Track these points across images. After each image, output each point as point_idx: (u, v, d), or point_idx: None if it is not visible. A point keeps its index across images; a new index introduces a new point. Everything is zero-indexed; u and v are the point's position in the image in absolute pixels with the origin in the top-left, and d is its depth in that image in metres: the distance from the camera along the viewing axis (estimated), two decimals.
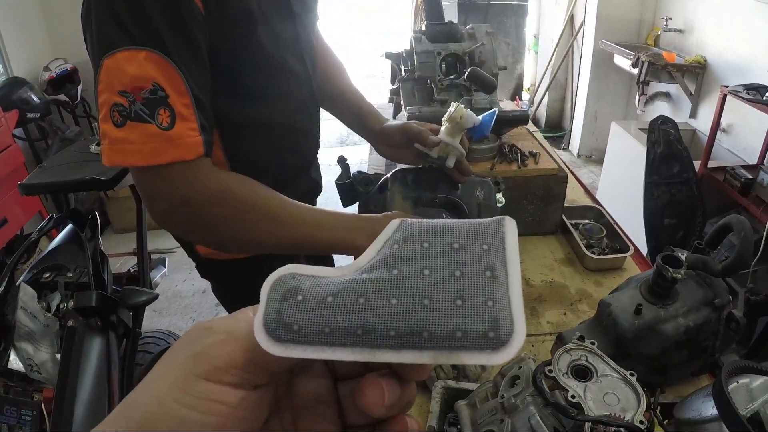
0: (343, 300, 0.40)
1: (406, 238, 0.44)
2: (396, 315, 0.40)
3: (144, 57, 0.99)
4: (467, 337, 0.39)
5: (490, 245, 0.43)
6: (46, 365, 1.31)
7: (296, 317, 0.40)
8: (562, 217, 1.90)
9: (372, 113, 1.62)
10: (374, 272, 0.42)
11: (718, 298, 1.22)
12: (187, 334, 0.43)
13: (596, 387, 0.95)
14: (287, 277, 0.43)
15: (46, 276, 1.46)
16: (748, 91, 3.22)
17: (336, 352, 0.40)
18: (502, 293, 0.41)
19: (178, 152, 1.04)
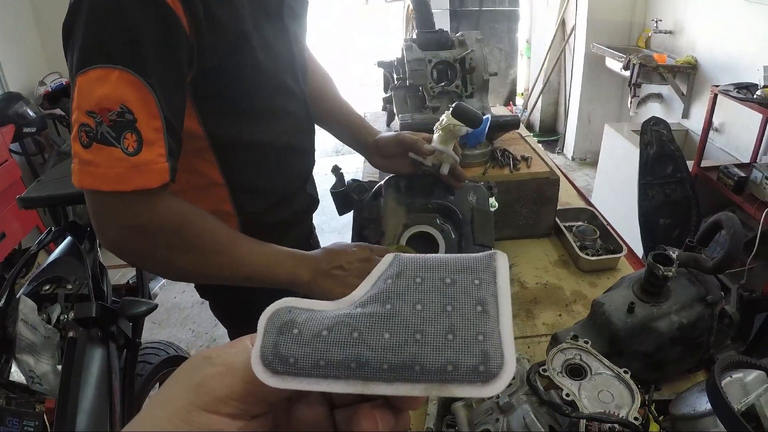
0: (337, 334, 0.42)
1: (399, 273, 0.45)
2: (389, 349, 0.41)
3: (117, 76, 0.96)
4: (458, 371, 0.40)
5: (482, 280, 0.44)
6: (48, 376, 1.32)
7: (292, 350, 0.41)
8: (555, 220, 1.92)
9: (364, 127, 1.63)
10: (368, 307, 0.44)
11: (710, 294, 1.24)
12: (187, 363, 0.45)
13: (591, 385, 0.97)
14: (284, 310, 0.44)
15: (46, 288, 1.47)
16: (739, 90, 3.25)
17: (331, 384, 0.41)
18: (492, 328, 0.42)
19: (143, 180, 1.00)
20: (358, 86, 9.24)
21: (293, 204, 1.65)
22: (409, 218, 1.54)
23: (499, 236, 1.62)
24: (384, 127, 2.56)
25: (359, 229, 1.59)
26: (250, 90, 1.27)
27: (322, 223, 4.79)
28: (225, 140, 1.29)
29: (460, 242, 1.53)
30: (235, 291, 1.36)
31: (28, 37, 4.58)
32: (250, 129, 1.33)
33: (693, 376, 1.35)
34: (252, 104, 1.30)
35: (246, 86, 1.26)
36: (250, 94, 1.28)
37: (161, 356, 1.89)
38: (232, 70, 1.20)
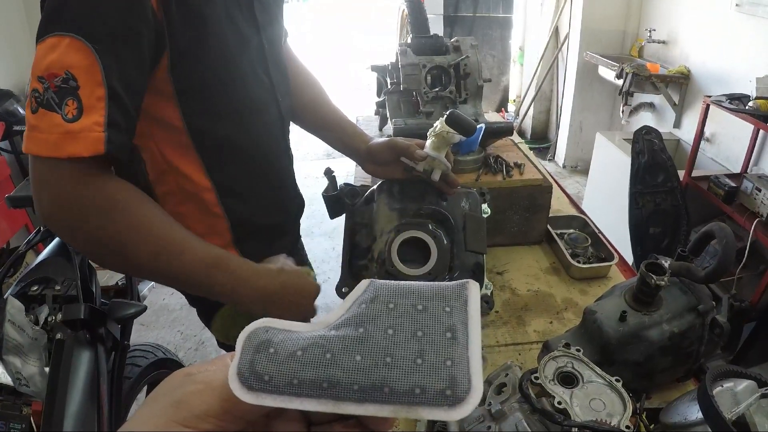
0: (311, 354, 0.44)
1: (374, 299, 0.47)
2: (360, 371, 0.43)
3: (67, 44, 0.97)
4: (426, 394, 0.42)
5: (453, 307, 0.47)
6: (35, 378, 1.30)
7: (268, 368, 0.43)
8: (547, 227, 1.92)
9: (357, 134, 1.63)
10: (342, 329, 0.46)
11: (701, 304, 1.24)
12: (169, 379, 0.47)
13: (582, 393, 0.97)
14: (261, 330, 0.46)
15: (33, 289, 1.45)
16: (731, 100, 3.26)
17: (303, 402, 0.43)
18: (461, 354, 0.44)
19: (75, 147, 0.98)
20: (353, 90, 9.22)
21: (282, 206, 1.65)
22: (401, 223, 1.54)
23: (491, 243, 1.62)
24: (376, 132, 2.56)
25: (351, 233, 1.59)
26: (224, 79, 1.26)
27: (312, 226, 4.77)
28: (205, 136, 1.29)
29: (452, 248, 1.53)
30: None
31: (18, 35, 4.54)
32: (227, 123, 1.32)
33: (683, 385, 1.36)
34: (227, 95, 1.29)
35: (219, 74, 1.25)
36: (225, 83, 1.27)
37: (149, 359, 1.87)
38: (204, 56, 1.19)
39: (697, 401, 1.01)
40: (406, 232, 1.52)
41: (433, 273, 1.49)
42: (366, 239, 1.56)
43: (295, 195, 1.72)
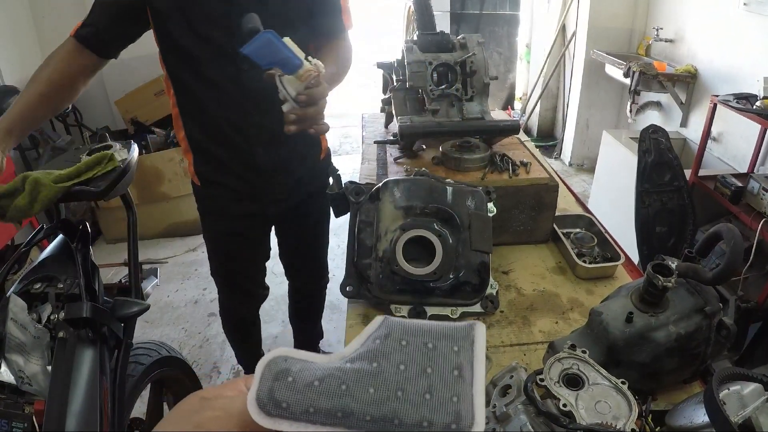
0: (327, 385, 0.47)
1: (387, 335, 0.51)
2: (372, 403, 0.46)
3: None
4: (432, 427, 0.45)
5: (461, 347, 0.50)
6: (38, 377, 1.29)
7: (286, 396, 0.47)
8: (553, 226, 1.90)
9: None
10: (357, 363, 0.49)
11: (708, 305, 1.23)
12: (185, 402, 0.50)
13: (588, 395, 0.96)
14: (280, 359, 0.50)
15: (36, 287, 1.44)
16: (738, 100, 3.24)
17: (318, 429, 0.46)
18: (466, 391, 0.48)
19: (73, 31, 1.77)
20: (357, 86, 9.20)
21: (248, 165, 1.92)
22: (407, 222, 1.53)
23: (496, 242, 1.61)
24: (382, 129, 2.55)
25: (355, 232, 1.58)
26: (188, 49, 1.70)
27: None
28: (178, 82, 1.81)
29: (458, 247, 1.52)
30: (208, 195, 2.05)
31: (24, 31, 4.54)
32: (191, 81, 1.77)
33: (689, 386, 1.34)
34: (190, 65, 1.73)
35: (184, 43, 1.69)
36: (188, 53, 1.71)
37: (153, 357, 1.85)
38: (174, 27, 1.67)
39: (703, 404, 1.00)
40: (412, 230, 1.52)
41: (438, 272, 1.48)
42: (370, 237, 1.55)
43: (272, 168, 1.94)
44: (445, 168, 1.92)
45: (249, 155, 1.88)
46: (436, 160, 1.96)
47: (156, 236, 4.59)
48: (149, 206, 4.28)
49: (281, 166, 1.93)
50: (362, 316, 1.56)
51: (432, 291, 1.49)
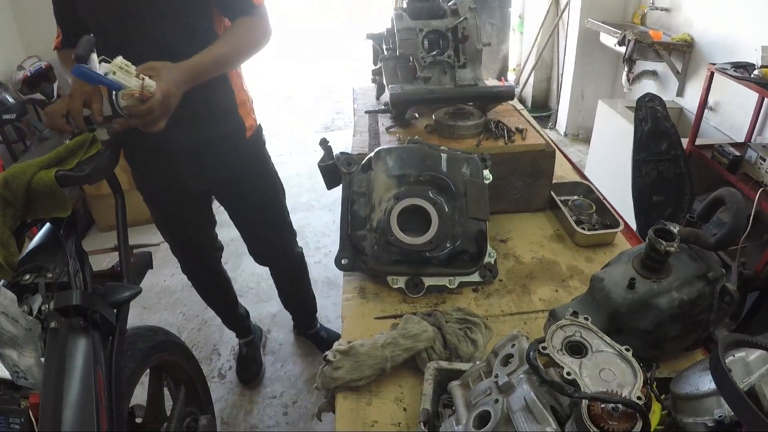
0: None
1: None
2: None
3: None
4: None
5: None
6: (32, 370, 1.26)
7: None
8: (550, 194, 1.87)
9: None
10: None
11: (711, 271, 1.21)
12: None
13: (591, 363, 0.93)
14: None
15: (26, 278, 1.40)
16: (736, 68, 3.19)
17: None
18: None
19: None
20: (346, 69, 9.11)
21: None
22: (400, 191, 1.50)
23: (493, 210, 1.58)
24: (373, 101, 2.50)
25: (348, 203, 1.55)
26: None
27: (311, 199, 4.74)
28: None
29: (454, 215, 1.49)
30: None
31: (3, 22, 4.44)
32: None
33: (691, 353, 1.33)
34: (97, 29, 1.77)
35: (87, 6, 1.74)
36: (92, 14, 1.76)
37: (150, 342, 1.82)
38: None
39: (708, 371, 0.98)
40: (406, 199, 1.49)
41: (435, 241, 1.45)
42: (364, 208, 1.52)
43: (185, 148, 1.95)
44: (439, 136, 1.88)
45: (158, 136, 1.85)
46: (429, 128, 1.91)
47: (148, 221, 4.51)
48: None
49: (194, 146, 1.95)
50: (358, 289, 1.54)
51: (429, 261, 1.46)
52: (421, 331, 1.23)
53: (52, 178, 1.44)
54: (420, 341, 1.22)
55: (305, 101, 7.62)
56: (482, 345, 1.28)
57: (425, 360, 1.22)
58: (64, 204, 1.50)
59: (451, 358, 1.24)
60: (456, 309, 1.38)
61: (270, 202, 2.33)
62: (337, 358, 1.20)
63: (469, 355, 1.25)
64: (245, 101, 2.03)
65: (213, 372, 3.00)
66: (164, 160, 2.01)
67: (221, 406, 2.77)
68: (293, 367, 2.99)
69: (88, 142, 1.61)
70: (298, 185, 4.96)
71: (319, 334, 3.05)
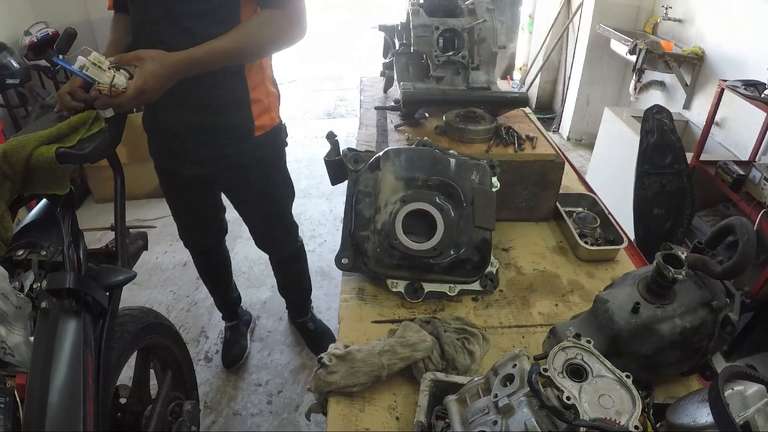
0: None
1: None
2: None
3: None
4: None
5: None
6: (20, 348, 1.24)
7: None
8: (556, 205, 1.85)
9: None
10: None
11: (716, 300, 1.19)
12: None
13: (591, 388, 0.92)
14: None
15: (19, 254, 1.37)
16: (746, 86, 3.17)
17: None
18: None
19: None
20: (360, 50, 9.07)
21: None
22: (408, 194, 1.48)
23: (497, 217, 1.56)
24: (380, 94, 2.48)
25: (353, 202, 1.53)
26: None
27: (309, 187, 4.69)
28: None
29: (459, 223, 1.47)
30: None
31: None
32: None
33: (687, 379, 1.32)
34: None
35: None
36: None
37: (140, 324, 1.79)
38: None
39: (706, 403, 0.97)
40: (413, 203, 1.46)
41: (439, 248, 1.43)
42: (369, 209, 1.50)
43: (186, 129, 1.94)
44: (449, 138, 1.85)
45: (159, 113, 1.94)
46: (439, 129, 1.89)
47: (146, 196, 4.50)
48: (139, 166, 4.15)
49: (193, 131, 1.93)
50: (357, 290, 1.52)
51: (431, 267, 1.44)
52: (419, 340, 1.22)
53: (52, 154, 1.42)
54: (418, 351, 1.20)
55: (309, 86, 7.57)
56: (479, 357, 1.27)
57: (422, 370, 1.21)
58: (63, 181, 1.47)
59: (447, 368, 1.23)
60: (455, 318, 1.37)
61: (271, 204, 2.31)
62: (332, 362, 1.19)
63: (465, 366, 1.23)
64: (261, 99, 1.95)
65: (200, 354, 2.99)
66: (166, 137, 2.01)
67: (205, 390, 2.76)
68: (280, 356, 2.97)
69: (91, 119, 1.58)
70: (297, 171, 4.91)
71: (306, 325, 3.03)
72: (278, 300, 3.11)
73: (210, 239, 2.57)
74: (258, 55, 1.80)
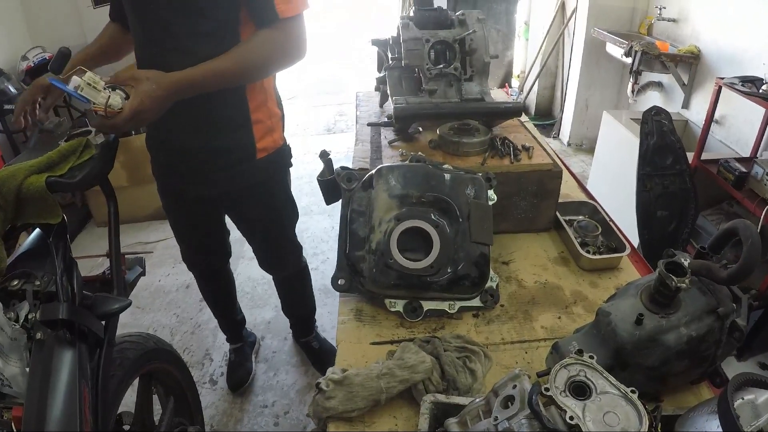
0: None
1: None
2: None
3: None
4: None
5: None
6: (17, 379, 1.23)
7: None
8: (556, 214, 1.82)
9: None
10: None
11: (721, 306, 1.16)
12: None
13: (595, 406, 0.89)
14: None
15: (13, 284, 1.36)
16: (744, 83, 3.15)
17: None
18: None
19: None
20: (353, 63, 9.08)
21: None
22: (402, 212, 1.45)
23: (496, 230, 1.53)
24: (376, 108, 2.46)
25: (347, 222, 1.50)
26: None
27: (311, 204, 4.69)
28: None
29: (456, 239, 1.44)
30: None
31: (10, 11, 4.42)
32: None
33: (695, 387, 1.28)
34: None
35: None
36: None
37: (140, 350, 1.77)
38: None
39: (715, 415, 0.94)
40: (408, 221, 1.44)
41: (436, 266, 1.41)
42: (363, 228, 1.47)
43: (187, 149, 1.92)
44: (443, 152, 1.82)
45: (162, 134, 1.95)
46: (433, 143, 1.86)
47: (146, 218, 4.49)
48: (139, 188, 4.16)
49: (194, 151, 1.92)
50: (355, 311, 1.49)
51: (429, 285, 1.41)
52: (418, 362, 1.19)
53: (42, 183, 1.41)
54: (417, 372, 1.18)
55: (308, 102, 7.57)
56: (481, 376, 1.24)
57: (422, 391, 1.18)
58: (55, 210, 1.46)
59: (448, 389, 1.20)
60: (455, 336, 1.34)
61: (275, 226, 2.29)
62: (330, 387, 1.16)
63: (467, 386, 1.20)
64: (264, 120, 1.93)
65: (204, 377, 2.96)
66: (169, 158, 2.00)
67: (211, 413, 2.73)
68: (286, 376, 2.94)
69: (81, 146, 1.57)
70: (298, 189, 4.90)
71: (310, 344, 3.00)
72: (282, 319, 3.08)
73: (214, 262, 2.55)
74: (257, 75, 1.77)
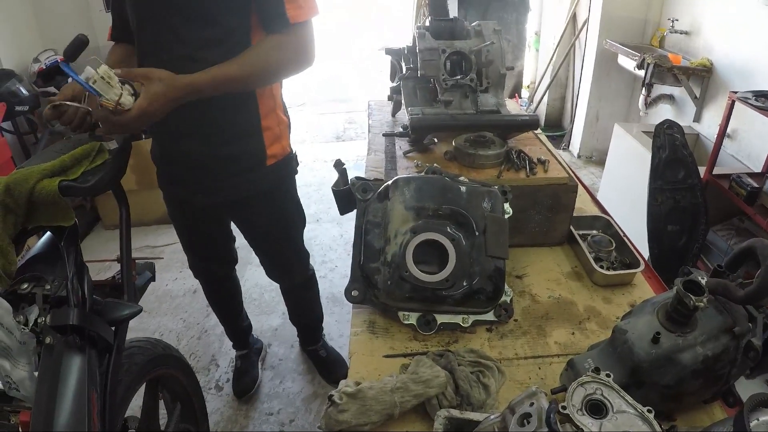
0: None
1: None
2: None
3: None
4: None
5: None
6: (25, 383, 1.23)
7: None
8: (570, 228, 1.82)
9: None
10: None
11: (738, 325, 1.15)
12: None
13: (612, 425, 0.89)
14: None
15: (23, 287, 1.36)
16: (757, 98, 3.14)
17: None
18: None
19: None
20: (364, 71, 9.11)
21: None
22: (418, 224, 1.45)
23: (510, 243, 1.52)
24: (389, 118, 2.46)
25: (362, 233, 1.50)
26: None
27: (319, 212, 4.68)
28: None
29: (472, 252, 1.44)
30: None
31: (22, 13, 4.45)
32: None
33: (708, 406, 1.27)
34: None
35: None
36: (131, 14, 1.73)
37: (148, 356, 1.77)
38: None
39: None
40: (423, 234, 1.43)
41: (451, 280, 1.40)
42: (379, 240, 1.47)
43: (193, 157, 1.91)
44: (459, 164, 1.82)
45: (169, 144, 1.94)
46: (448, 155, 1.86)
47: (156, 222, 4.51)
48: (148, 192, 4.17)
49: (203, 158, 1.91)
50: (368, 323, 1.48)
51: (443, 299, 1.41)
52: (432, 376, 1.18)
53: (55, 187, 1.41)
54: (431, 387, 1.17)
55: (317, 109, 7.59)
56: (495, 391, 1.23)
57: (435, 406, 1.17)
58: (67, 214, 1.47)
59: (462, 404, 1.19)
60: (469, 350, 1.33)
61: (282, 233, 2.29)
62: (343, 400, 1.16)
63: (481, 401, 1.19)
64: (273, 127, 1.94)
65: (210, 383, 2.96)
66: (176, 168, 1.99)
67: (216, 419, 2.72)
68: (292, 384, 2.94)
69: (94, 151, 1.57)
70: (307, 196, 4.90)
71: (317, 352, 2.99)
72: (289, 327, 3.08)
73: (220, 269, 2.55)
74: (265, 81, 1.78)
